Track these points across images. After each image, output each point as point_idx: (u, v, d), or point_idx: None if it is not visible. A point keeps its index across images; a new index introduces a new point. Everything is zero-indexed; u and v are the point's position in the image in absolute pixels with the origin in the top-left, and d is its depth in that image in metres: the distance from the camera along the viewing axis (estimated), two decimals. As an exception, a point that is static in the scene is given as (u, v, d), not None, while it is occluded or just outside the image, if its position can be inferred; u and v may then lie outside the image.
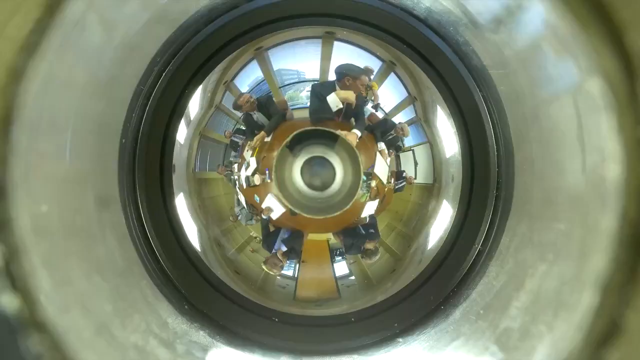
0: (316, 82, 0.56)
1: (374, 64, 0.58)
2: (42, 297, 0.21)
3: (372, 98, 0.57)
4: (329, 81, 0.56)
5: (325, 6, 0.51)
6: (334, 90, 0.56)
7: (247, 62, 0.57)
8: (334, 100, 0.55)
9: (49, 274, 0.22)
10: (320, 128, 0.57)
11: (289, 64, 0.58)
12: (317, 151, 0.57)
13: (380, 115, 0.59)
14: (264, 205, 0.57)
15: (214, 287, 0.51)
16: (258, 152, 0.58)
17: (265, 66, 0.57)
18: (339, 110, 0.57)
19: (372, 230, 0.57)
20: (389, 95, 0.59)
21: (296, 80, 0.58)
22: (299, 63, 0.59)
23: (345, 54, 0.57)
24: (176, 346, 0.36)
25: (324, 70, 0.57)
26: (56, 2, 0.22)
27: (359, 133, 0.56)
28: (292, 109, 0.58)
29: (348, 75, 0.55)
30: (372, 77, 0.58)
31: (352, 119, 0.57)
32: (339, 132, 0.56)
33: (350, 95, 0.55)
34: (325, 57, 0.57)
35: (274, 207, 0.56)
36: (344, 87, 0.56)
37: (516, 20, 0.35)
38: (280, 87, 0.58)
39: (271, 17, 0.51)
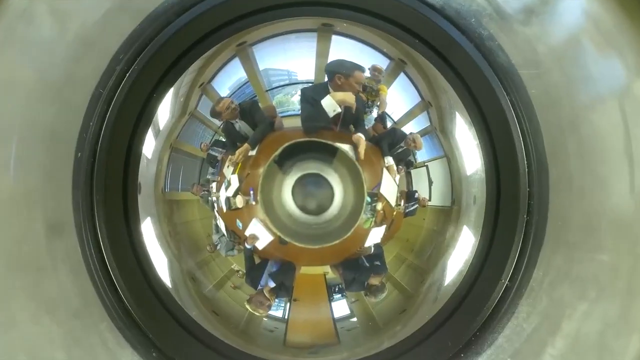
0: (307, 86, 0.55)
1: (380, 63, 0.56)
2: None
3: (378, 104, 0.56)
4: (321, 83, 0.55)
5: (321, -8, 0.49)
6: (328, 92, 0.54)
7: (227, 60, 0.55)
8: (329, 104, 0.54)
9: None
10: (316, 139, 0.55)
11: (278, 62, 0.57)
12: (312, 167, 0.56)
13: (387, 124, 0.57)
14: (247, 233, 0.55)
15: (187, 331, 0.48)
16: (241, 168, 0.56)
17: (250, 65, 0.56)
18: (337, 116, 0.55)
19: (377, 263, 0.56)
20: (398, 100, 0.57)
21: (286, 82, 0.57)
22: (290, 61, 0.57)
23: (346, 50, 0.56)
24: (143, 401, 0.33)
25: (320, 70, 0.55)
26: (-3, -12, 0.18)
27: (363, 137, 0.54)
28: (282, 117, 0.57)
29: (339, 73, 0.53)
30: (380, 78, 0.56)
31: (352, 127, 0.56)
32: (337, 144, 0.54)
33: (349, 97, 0.53)
34: (322, 54, 0.55)
35: (260, 234, 0.55)
36: (336, 88, 0.54)
37: (551, 9, 0.35)
38: (267, 91, 0.57)
39: (256, 6, 0.49)
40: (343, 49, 0.56)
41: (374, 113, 0.58)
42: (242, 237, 0.56)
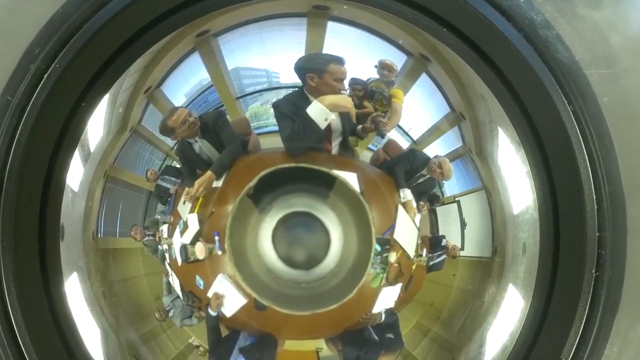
0: (279, 99, 0.54)
1: (394, 60, 0.55)
2: None
3: (386, 119, 0.55)
4: (295, 91, 0.54)
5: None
6: (307, 101, 0.53)
7: (183, 56, 0.54)
8: (318, 112, 0.52)
9: None
10: (304, 165, 0.53)
11: (254, 59, 0.56)
12: (300, 204, 0.54)
13: (403, 143, 0.56)
14: (210, 293, 0.53)
15: None
16: (202, 205, 0.54)
17: (214, 63, 0.54)
18: (330, 130, 0.54)
19: (390, 335, 0.54)
20: (419, 110, 0.56)
21: (265, 86, 0.55)
22: (270, 58, 0.55)
23: (347, 42, 0.55)
24: None
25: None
26: None
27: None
28: (259, 134, 0.55)
29: (310, 71, 0.52)
30: (392, 78, 0.55)
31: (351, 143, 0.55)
32: (335, 171, 0.52)
33: (343, 100, 0.52)
34: (314, 48, 0.53)
35: (229, 296, 0.53)
36: (313, 92, 0.53)
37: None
38: (238, 98, 0.55)
39: (224, -19, 0.47)
40: (343, 40, 0.54)
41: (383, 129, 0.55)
42: (203, 300, 0.54)
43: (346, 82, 0.54)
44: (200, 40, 0.53)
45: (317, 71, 0.53)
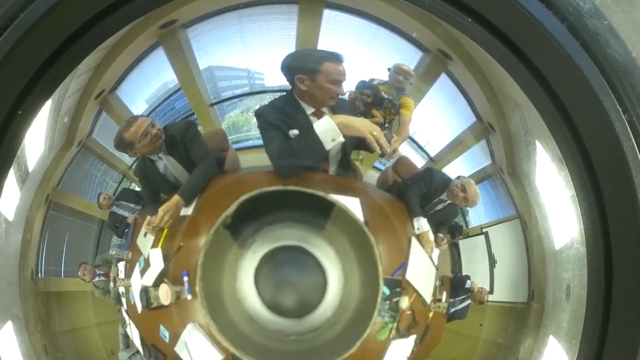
0: (262, 106, 0.54)
1: (407, 56, 0.54)
2: None
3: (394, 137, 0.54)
4: (281, 96, 0.54)
5: None
6: (297, 106, 0.53)
7: (144, 53, 0.53)
8: (327, 130, 0.52)
9: None
10: (296, 189, 0.52)
11: (232, 56, 0.55)
12: (289, 236, 0.53)
13: (418, 161, 0.55)
14: (179, 349, 0.52)
15: None
16: (167, 238, 0.54)
17: (182, 61, 0.53)
18: (335, 151, 0.53)
19: None
20: (437, 120, 0.56)
21: (246, 89, 0.55)
22: (252, 55, 0.55)
23: (348, 35, 0.54)
24: None
25: None
26: None
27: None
28: (238, 150, 0.55)
29: (300, 71, 0.52)
30: (405, 84, 0.54)
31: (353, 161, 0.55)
32: (333, 196, 0.51)
33: (362, 125, 0.52)
34: (306, 42, 0.53)
35: (200, 350, 0.52)
36: (303, 96, 0.52)
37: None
38: (212, 105, 0.55)
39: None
40: (343, 33, 0.54)
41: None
42: (169, 357, 0.53)
43: (346, 85, 0.53)
44: (165, 32, 0.53)
45: (308, 71, 0.52)
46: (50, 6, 0.46)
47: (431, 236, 0.54)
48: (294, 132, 0.53)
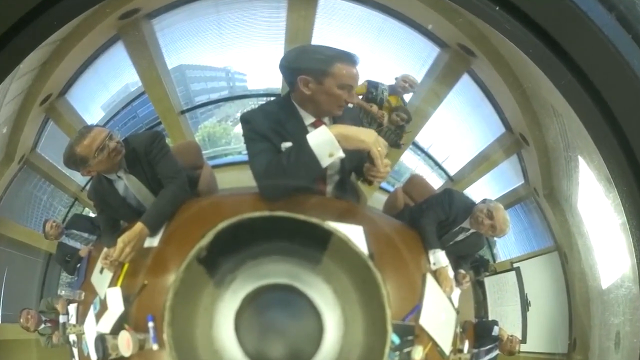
0: (249, 110, 0.54)
1: (420, 53, 0.55)
2: None
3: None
4: (276, 99, 0.54)
5: None
6: (295, 115, 0.53)
7: (100, 49, 0.54)
8: (323, 143, 0.52)
9: None
10: (285, 215, 0.52)
11: (208, 53, 0.55)
12: (277, 273, 0.52)
13: (435, 181, 0.56)
14: None
15: None
16: (128, 274, 0.54)
17: (147, 59, 0.54)
18: (334, 170, 0.54)
19: None
20: (458, 131, 0.56)
21: (225, 93, 0.55)
22: (232, 51, 0.55)
23: (349, 27, 0.55)
24: None
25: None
26: None
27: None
28: (215, 167, 0.55)
29: (304, 71, 0.52)
30: (409, 90, 0.55)
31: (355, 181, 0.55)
32: (330, 223, 0.52)
33: (367, 136, 0.52)
34: (297, 37, 0.53)
35: None
36: (304, 103, 0.53)
37: None
38: (183, 112, 0.55)
39: None
40: (343, 24, 0.55)
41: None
42: None
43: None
44: (125, 24, 0.54)
45: (315, 72, 0.52)
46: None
47: (450, 272, 0.54)
48: (287, 145, 0.53)
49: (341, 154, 0.52)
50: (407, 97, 0.57)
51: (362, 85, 0.57)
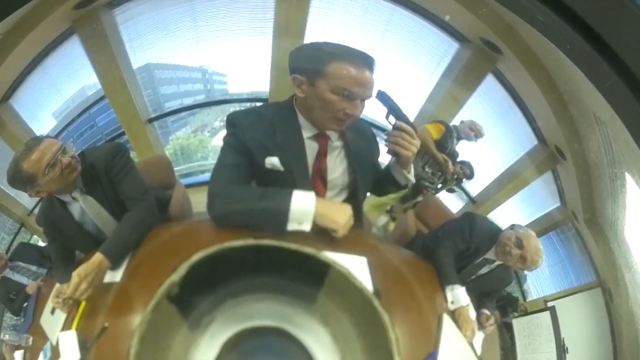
0: (237, 111, 0.55)
1: (436, 49, 0.55)
2: None
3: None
4: (275, 104, 0.55)
5: None
6: (292, 123, 0.54)
7: (51, 45, 0.54)
8: (300, 212, 0.53)
9: None
10: (272, 243, 0.52)
11: (181, 50, 0.55)
12: (264, 313, 0.52)
13: (453, 203, 0.57)
14: None
15: None
16: (85, 315, 0.53)
17: (107, 57, 0.54)
18: (323, 179, 0.56)
19: None
20: (482, 142, 0.56)
21: (201, 97, 0.55)
22: (210, 46, 0.55)
23: (352, 18, 0.55)
24: None
25: (277, 69, 0.54)
26: None
27: None
28: (189, 186, 0.55)
29: (298, 70, 0.52)
30: (471, 138, 0.57)
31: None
32: (327, 253, 0.51)
33: (342, 217, 0.55)
34: (287, 27, 0.53)
35: None
36: (301, 109, 0.53)
37: None
38: (151, 121, 0.55)
39: None
40: (343, 15, 0.55)
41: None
42: None
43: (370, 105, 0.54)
44: (82, 15, 0.53)
45: (308, 72, 0.52)
46: None
47: (472, 313, 0.54)
48: (273, 160, 0.53)
49: (307, 229, 0.53)
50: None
51: (438, 127, 0.58)
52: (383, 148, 0.60)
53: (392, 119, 0.58)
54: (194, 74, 0.55)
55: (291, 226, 0.52)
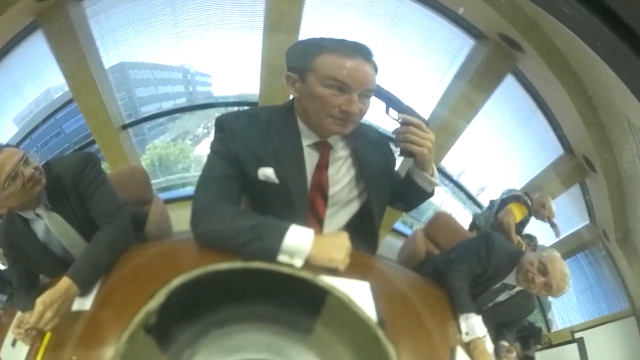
0: (227, 113, 0.54)
1: (449, 46, 0.55)
2: None
3: None
4: (281, 104, 0.55)
5: None
6: (291, 128, 0.54)
7: (11, 41, 0.54)
8: (293, 247, 0.54)
9: None
10: (262, 266, 0.52)
11: (158, 46, 0.55)
12: (253, 345, 0.52)
13: (465, 219, 0.57)
14: None
15: None
16: (51, 347, 0.53)
17: (74, 55, 0.54)
18: (322, 195, 0.55)
19: None
20: (498, 152, 0.57)
21: (182, 102, 0.56)
22: (191, 43, 0.55)
23: (351, 11, 0.55)
24: None
25: (269, 67, 0.55)
26: None
27: None
28: (168, 202, 0.55)
29: (290, 68, 0.53)
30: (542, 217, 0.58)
31: None
32: (324, 279, 0.51)
33: (337, 252, 0.55)
34: (280, 20, 0.54)
35: None
36: (298, 110, 0.54)
37: None
38: (125, 127, 0.55)
39: None
40: (343, 7, 0.55)
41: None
42: None
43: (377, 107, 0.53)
44: (47, 7, 0.53)
45: (300, 68, 0.52)
46: None
47: (489, 345, 0.54)
48: (266, 172, 0.53)
49: (298, 265, 0.52)
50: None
51: (522, 210, 0.58)
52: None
53: (393, 113, 0.58)
54: (174, 74, 0.55)
55: (281, 259, 0.52)
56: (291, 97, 0.56)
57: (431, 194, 0.57)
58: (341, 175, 0.55)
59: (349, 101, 0.51)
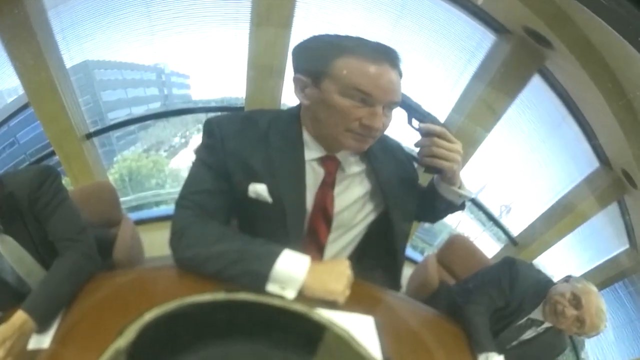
0: (218, 116, 0.55)
1: (466, 42, 0.54)
2: None
3: None
4: (285, 110, 0.57)
5: None
6: (292, 141, 0.55)
7: None
8: (284, 277, 0.54)
9: None
10: (249, 298, 0.52)
11: (129, 42, 0.56)
12: None
13: (489, 244, 0.59)
14: None
15: None
16: None
17: (31, 52, 0.52)
18: (325, 219, 0.57)
19: None
20: (523, 164, 0.58)
21: (156, 106, 0.59)
22: (167, 39, 0.56)
23: (351, 4, 0.55)
24: None
25: (257, 66, 0.56)
26: None
27: None
28: (140, 222, 0.55)
29: (299, 70, 0.56)
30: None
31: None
32: (321, 312, 0.51)
33: (336, 285, 0.54)
34: (269, 12, 0.53)
35: None
36: (304, 119, 0.56)
37: None
38: (90, 137, 0.57)
39: None
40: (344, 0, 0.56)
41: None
42: None
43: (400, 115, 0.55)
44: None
45: (313, 71, 0.52)
46: None
47: None
48: (258, 188, 0.53)
49: (290, 297, 0.53)
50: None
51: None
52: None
53: (416, 124, 0.57)
54: (147, 74, 0.55)
55: (271, 289, 0.52)
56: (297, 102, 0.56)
57: (462, 207, 0.57)
58: (351, 196, 0.55)
59: (373, 114, 0.51)
